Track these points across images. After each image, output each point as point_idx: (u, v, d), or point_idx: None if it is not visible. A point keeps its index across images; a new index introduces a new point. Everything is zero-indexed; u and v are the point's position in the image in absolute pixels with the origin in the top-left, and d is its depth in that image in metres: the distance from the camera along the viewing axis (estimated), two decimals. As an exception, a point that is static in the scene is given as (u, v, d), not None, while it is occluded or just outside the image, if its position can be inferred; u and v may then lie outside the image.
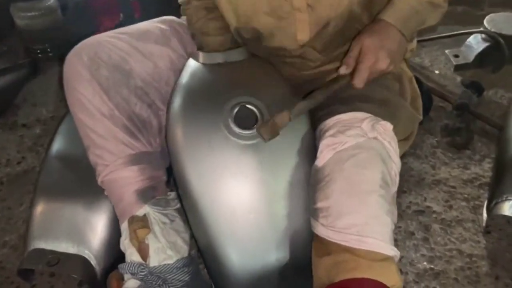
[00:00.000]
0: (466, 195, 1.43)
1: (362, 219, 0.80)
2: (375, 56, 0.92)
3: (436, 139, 1.61)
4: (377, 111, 0.95)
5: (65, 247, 1.09)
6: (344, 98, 0.98)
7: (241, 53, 1.07)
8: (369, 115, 0.94)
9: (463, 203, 1.40)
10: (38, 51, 2.00)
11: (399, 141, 0.97)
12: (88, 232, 1.10)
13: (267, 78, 1.06)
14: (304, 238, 0.94)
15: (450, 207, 1.40)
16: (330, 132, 0.93)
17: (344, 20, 0.99)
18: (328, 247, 0.82)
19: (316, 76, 1.08)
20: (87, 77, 1.00)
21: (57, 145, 1.27)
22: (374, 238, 0.79)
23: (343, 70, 0.95)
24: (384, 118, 0.95)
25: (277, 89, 1.03)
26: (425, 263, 1.25)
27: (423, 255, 1.27)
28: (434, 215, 1.37)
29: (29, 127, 1.71)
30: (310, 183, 0.92)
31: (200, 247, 1.03)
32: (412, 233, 1.32)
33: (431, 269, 1.24)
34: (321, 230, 0.84)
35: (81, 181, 1.14)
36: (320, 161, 0.90)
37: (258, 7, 0.98)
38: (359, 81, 0.93)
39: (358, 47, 0.94)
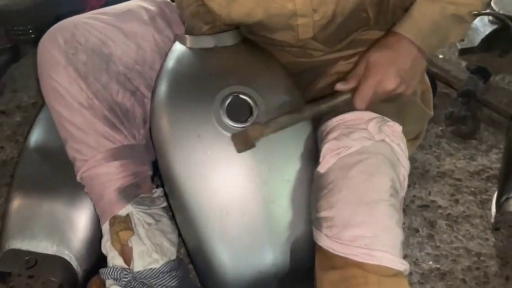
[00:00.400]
0: (473, 189, 1.39)
1: (371, 231, 0.75)
2: (380, 73, 0.82)
3: (441, 128, 1.58)
4: (384, 109, 0.87)
5: (43, 247, 1.02)
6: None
7: (234, 36, 0.98)
8: (375, 115, 0.86)
9: (470, 197, 1.37)
10: (19, 33, 1.89)
11: (407, 141, 0.91)
12: (68, 231, 1.04)
13: (263, 65, 0.98)
14: (303, 244, 0.88)
15: (456, 201, 1.36)
16: (333, 134, 0.86)
17: (351, 13, 0.91)
18: (333, 260, 0.77)
19: (318, 65, 1.01)
20: (63, 63, 0.93)
21: (36, 135, 1.19)
22: (384, 251, 0.74)
23: (340, 86, 0.85)
24: (392, 117, 0.87)
25: (274, 77, 0.96)
26: (430, 262, 1.21)
27: (428, 254, 1.23)
28: (439, 211, 1.34)
29: (8, 114, 1.66)
30: (312, 189, 0.86)
31: (189, 249, 0.97)
32: (416, 230, 1.29)
33: (437, 269, 1.20)
34: (325, 242, 0.78)
35: (61, 175, 1.07)
36: (322, 167, 0.83)
37: (253, 14, 0.90)
38: (360, 101, 0.83)
39: (364, 62, 0.84)
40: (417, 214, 1.32)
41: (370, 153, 0.81)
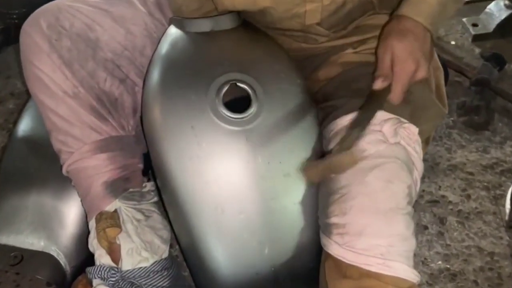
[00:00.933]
0: (486, 183, 1.33)
1: (387, 240, 0.72)
2: (414, 63, 0.79)
3: (452, 119, 1.51)
4: (399, 109, 0.82)
5: (30, 242, 1.00)
6: (358, 90, 0.85)
7: (233, 19, 0.93)
8: (390, 115, 0.81)
9: (483, 193, 1.31)
10: (15, 16, 1.84)
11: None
12: (56, 226, 1.01)
13: (263, 50, 0.93)
14: (305, 245, 0.85)
15: (468, 197, 1.30)
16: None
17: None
18: (344, 269, 0.74)
19: (322, 52, 0.95)
20: (46, 49, 0.89)
21: (25, 123, 1.15)
22: (400, 262, 0.72)
23: (379, 84, 0.80)
24: (406, 117, 0.83)
25: (276, 64, 0.90)
26: (440, 262, 1.16)
27: (437, 253, 1.18)
28: (450, 206, 1.28)
29: (1, 101, 1.60)
30: (320, 192, 0.82)
31: (182, 247, 0.94)
32: (425, 227, 1.23)
33: (447, 269, 1.15)
34: (336, 250, 0.74)
35: (50, 166, 1.03)
36: None
37: (260, 1, 0.84)
38: (399, 95, 0.80)
39: (388, 55, 0.81)
40: (426, 210, 1.26)
41: (386, 157, 0.77)
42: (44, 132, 1.03)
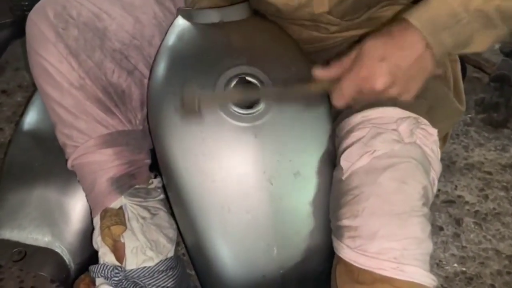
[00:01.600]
0: (504, 183, 1.32)
1: (401, 243, 0.69)
2: (368, 67, 0.67)
3: (470, 116, 1.51)
4: (414, 105, 0.77)
5: (33, 238, 0.98)
6: None
7: (242, 10, 0.90)
8: (407, 113, 0.77)
9: (501, 193, 1.29)
10: (25, 8, 1.84)
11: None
12: (61, 222, 0.99)
13: (273, 43, 0.90)
14: (315, 247, 0.82)
15: (486, 197, 1.29)
16: (357, 134, 0.78)
17: None
18: (357, 274, 0.71)
19: (335, 44, 0.92)
20: (52, 39, 0.87)
21: (31, 117, 1.13)
22: (415, 266, 0.69)
23: (318, 72, 0.72)
24: (422, 114, 0.79)
25: (287, 58, 0.88)
26: (455, 265, 1.15)
27: (453, 255, 1.16)
28: (466, 207, 1.27)
29: (9, 94, 1.60)
30: (331, 193, 0.80)
31: (187, 246, 0.92)
32: (441, 228, 1.22)
33: (463, 272, 1.13)
34: (347, 254, 0.72)
35: (55, 160, 1.01)
36: (345, 169, 0.77)
37: None
38: (338, 98, 0.70)
39: (357, 49, 0.70)
40: (441, 211, 1.25)
41: (401, 157, 0.74)
42: (49, 125, 1.02)
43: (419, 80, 0.69)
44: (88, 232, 0.98)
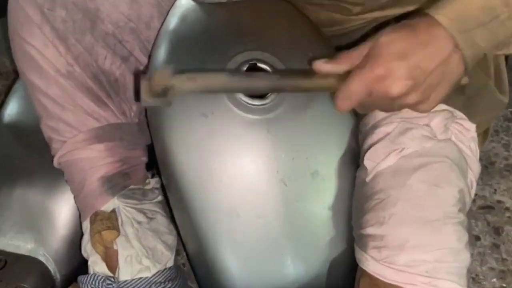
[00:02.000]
0: None
1: (434, 255, 0.70)
2: (386, 66, 0.64)
3: (510, 110, 1.53)
4: (451, 99, 0.79)
5: (14, 245, 1.01)
6: None
7: None
8: (442, 106, 0.78)
9: None
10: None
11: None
12: (45, 227, 1.02)
13: (288, 25, 0.93)
14: (333, 257, 0.85)
15: None
16: (384, 129, 0.80)
17: None
18: None
19: (357, 27, 0.93)
20: (37, 21, 0.89)
21: (11, 108, 1.17)
22: (450, 281, 0.70)
23: (318, 66, 0.68)
24: (458, 107, 0.80)
25: (302, 41, 0.90)
26: (494, 279, 1.17)
27: (491, 269, 1.18)
28: (506, 214, 1.29)
29: None
30: (354, 196, 0.82)
31: (189, 254, 0.96)
32: (477, 238, 1.24)
33: None
34: (372, 267, 0.73)
35: (39, 157, 1.04)
36: (369, 170, 0.79)
37: None
38: (343, 100, 0.66)
39: (370, 42, 0.66)
40: (478, 218, 1.27)
41: (434, 156, 0.75)
42: (33, 117, 1.04)
43: (442, 88, 0.66)
44: (76, 239, 1.00)
